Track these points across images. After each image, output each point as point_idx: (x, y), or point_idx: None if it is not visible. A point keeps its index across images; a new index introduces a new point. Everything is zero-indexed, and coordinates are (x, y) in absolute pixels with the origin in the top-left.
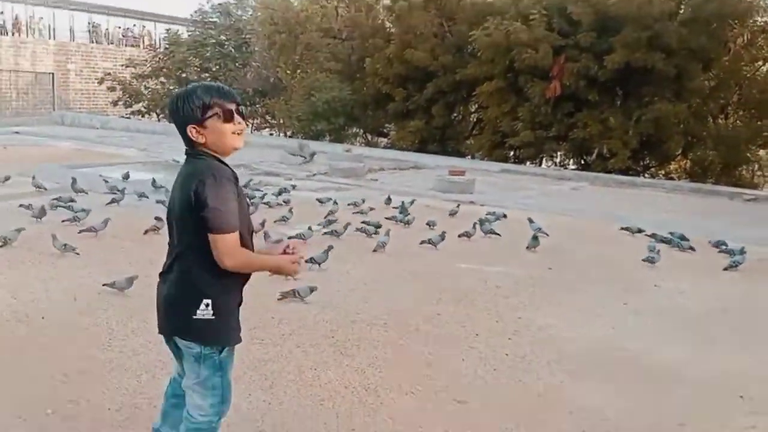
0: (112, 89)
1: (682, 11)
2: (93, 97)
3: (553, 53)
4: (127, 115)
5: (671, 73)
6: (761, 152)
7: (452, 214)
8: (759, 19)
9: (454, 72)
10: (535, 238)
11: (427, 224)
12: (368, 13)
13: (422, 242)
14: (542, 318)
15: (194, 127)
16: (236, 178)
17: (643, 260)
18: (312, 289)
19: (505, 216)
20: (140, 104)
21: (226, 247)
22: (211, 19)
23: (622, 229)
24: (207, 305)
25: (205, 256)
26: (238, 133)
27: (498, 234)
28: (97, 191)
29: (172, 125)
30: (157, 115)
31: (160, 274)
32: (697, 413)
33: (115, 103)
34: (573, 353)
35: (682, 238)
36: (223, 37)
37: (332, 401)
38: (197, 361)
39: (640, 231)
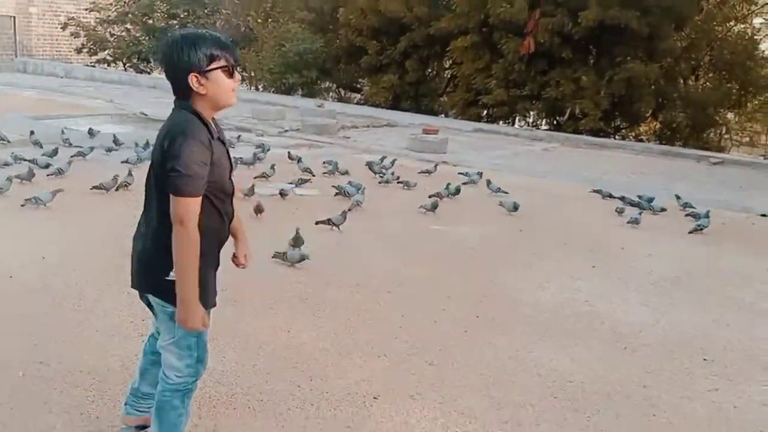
0: (75, 35)
1: None
2: (56, 43)
3: (528, 7)
4: (92, 64)
5: (644, 32)
6: (729, 115)
7: (429, 172)
8: None
9: (428, 25)
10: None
11: (403, 183)
12: None
13: (421, 207)
14: (513, 280)
15: (196, 76)
16: (220, 139)
17: (628, 222)
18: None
19: (480, 174)
20: (105, 52)
21: (178, 212)
22: None
23: (593, 191)
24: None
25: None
26: (233, 90)
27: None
28: (60, 144)
29: (141, 76)
30: (124, 64)
31: (137, 229)
32: (661, 375)
33: (79, 51)
34: (541, 315)
35: (650, 200)
36: None
37: (305, 364)
38: (172, 320)
39: (611, 196)
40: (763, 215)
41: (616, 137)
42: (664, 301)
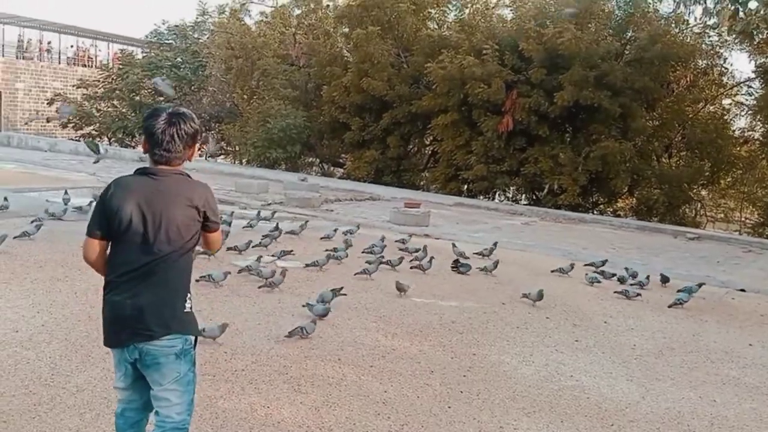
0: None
1: (627, 52)
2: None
3: (505, 88)
4: (77, 138)
5: (617, 112)
6: (703, 192)
7: (404, 242)
8: (700, 61)
9: (410, 103)
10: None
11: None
12: (326, 40)
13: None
14: (496, 354)
15: (195, 147)
16: None
17: (616, 293)
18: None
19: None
20: (91, 127)
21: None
22: (166, 41)
23: (587, 265)
24: (189, 298)
25: (189, 254)
26: None
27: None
28: (39, 215)
29: (125, 150)
30: (108, 138)
31: (121, 284)
32: None
33: (64, 125)
34: (526, 390)
35: (634, 275)
36: (179, 60)
37: None
38: (178, 358)
39: (612, 275)
40: (742, 290)
41: (594, 212)
42: (649, 375)
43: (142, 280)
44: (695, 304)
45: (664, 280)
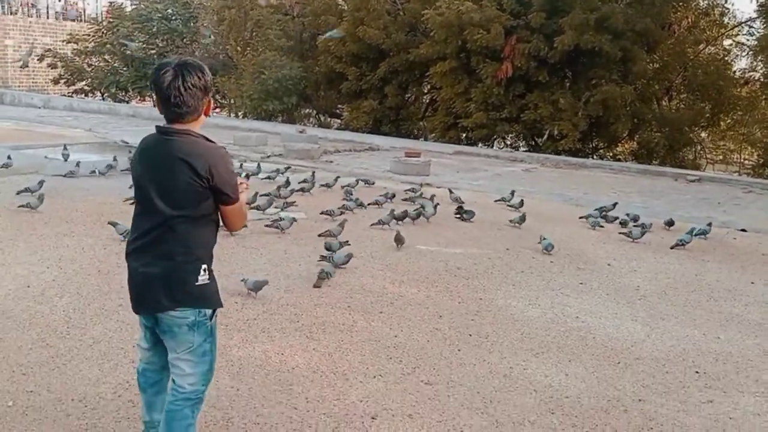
0: (53, 66)
1: None
2: (33, 75)
3: (504, 33)
4: (70, 94)
5: (617, 55)
6: (703, 134)
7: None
8: (701, 1)
9: (407, 51)
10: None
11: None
12: None
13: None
14: (502, 298)
15: (210, 100)
16: None
17: (621, 233)
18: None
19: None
20: (83, 82)
21: (238, 207)
22: None
23: (597, 209)
24: (205, 270)
25: (203, 224)
26: None
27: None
28: (43, 173)
29: (120, 105)
30: (102, 93)
31: (134, 251)
32: (656, 389)
33: (56, 81)
34: (534, 332)
35: (636, 219)
36: (169, 11)
37: (301, 386)
38: (191, 329)
39: (614, 219)
40: (743, 230)
41: (594, 157)
42: (654, 315)
43: (150, 248)
44: (697, 245)
45: (670, 224)
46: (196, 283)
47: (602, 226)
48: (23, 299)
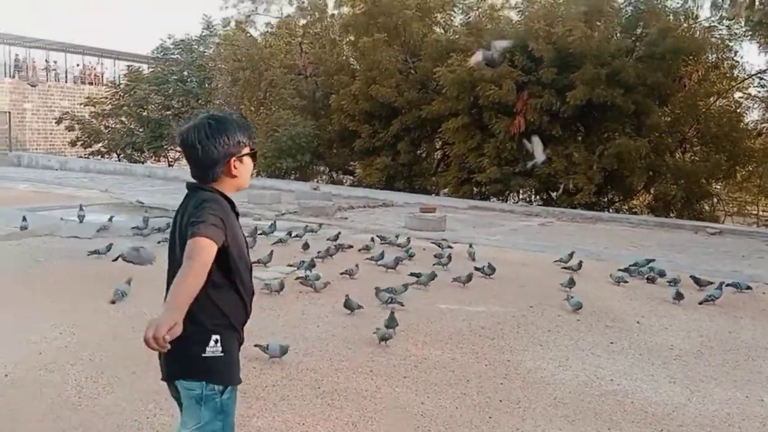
0: (70, 129)
1: (638, 48)
2: (50, 137)
3: (516, 89)
4: (87, 155)
5: (630, 108)
6: (717, 186)
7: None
8: (711, 55)
9: (419, 108)
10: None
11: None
12: (332, 49)
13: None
14: (531, 360)
15: (237, 160)
16: (237, 213)
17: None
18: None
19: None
20: (99, 144)
21: (191, 249)
22: (172, 56)
23: (632, 266)
24: (216, 342)
25: (216, 289)
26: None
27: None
28: (56, 234)
29: (135, 166)
30: (118, 155)
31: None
32: None
33: (73, 143)
34: (567, 397)
35: (662, 274)
36: (185, 73)
37: None
38: (198, 404)
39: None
40: None
41: (610, 210)
42: (691, 376)
43: None
44: (726, 301)
45: (701, 283)
46: (203, 355)
47: (626, 281)
48: (34, 367)
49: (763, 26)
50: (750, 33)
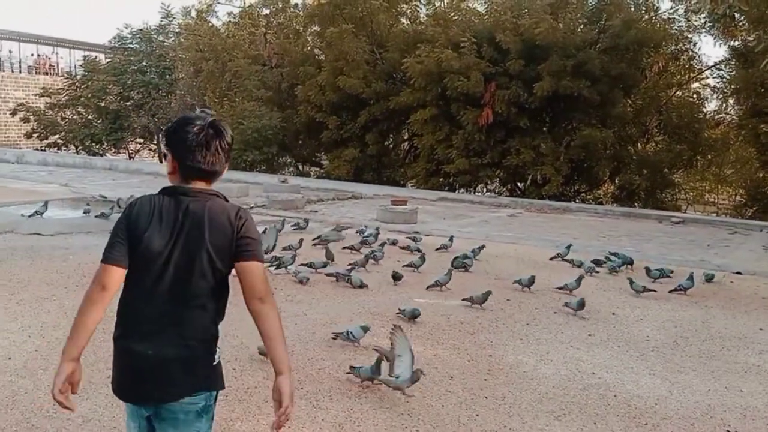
0: (25, 120)
1: (602, 40)
2: (5, 129)
3: (484, 81)
4: (43, 148)
5: (596, 100)
6: (676, 176)
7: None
8: (671, 47)
9: (387, 99)
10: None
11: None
12: (297, 39)
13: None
14: (512, 354)
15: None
16: None
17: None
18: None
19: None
20: (56, 136)
21: (266, 286)
22: (130, 46)
23: (609, 255)
24: (218, 348)
25: (218, 297)
26: None
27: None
28: (17, 231)
29: (95, 158)
30: (76, 147)
31: (140, 335)
32: None
33: (29, 135)
34: (551, 392)
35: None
36: (144, 64)
37: None
38: (199, 416)
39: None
40: (738, 273)
41: (577, 200)
42: (670, 368)
43: (167, 325)
44: (697, 290)
45: (709, 278)
46: (214, 364)
47: (597, 271)
48: (5, 373)
49: (726, 18)
50: (711, 25)
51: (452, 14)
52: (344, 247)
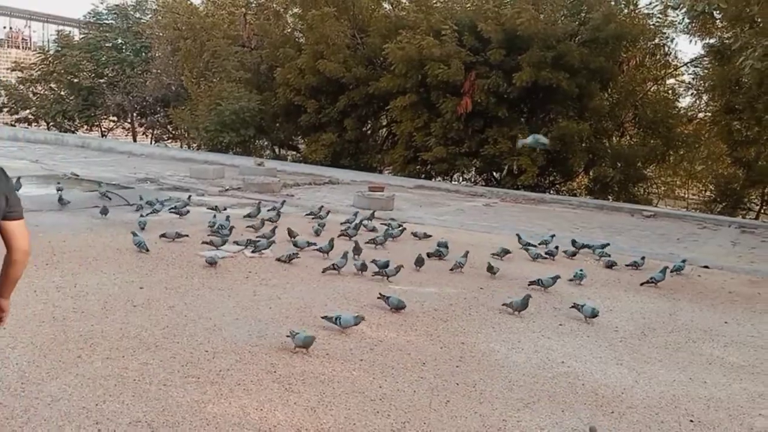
0: None
1: (582, 32)
2: None
3: (464, 69)
4: (13, 123)
5: (574, 92)
6: (649, 170)
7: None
8: (648, 42)
9: (366, 84)
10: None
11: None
12: (277, 21)
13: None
14: (484, 342)
15: None
16: None
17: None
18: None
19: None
20: (27, 111)
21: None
22: (106, 21)
23: (583, 247)
24: None
25: None
26: None
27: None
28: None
29: (67, 135)
30: (47, 123)
31: None
32: None
33: None
34: (521, 380)
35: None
36: (119, 41)
37: None
38: None
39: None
40: (706, 267)
41: (551, 192)
42: (637, 358)
43: None
44: (665, 283)
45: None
46: None
47: (545, 257)
48: None
49: (704, 15)
50: (688, 22)
51: (434, 1)
52: (340, 235)
